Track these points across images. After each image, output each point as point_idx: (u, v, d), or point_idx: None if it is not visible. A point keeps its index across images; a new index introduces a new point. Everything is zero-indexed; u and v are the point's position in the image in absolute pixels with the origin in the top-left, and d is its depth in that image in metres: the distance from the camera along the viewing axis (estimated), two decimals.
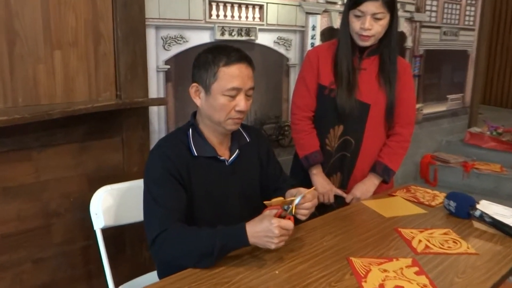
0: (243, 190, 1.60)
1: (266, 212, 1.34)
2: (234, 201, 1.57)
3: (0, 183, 1.85)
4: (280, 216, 1.33)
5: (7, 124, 1.65)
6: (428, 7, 4.11)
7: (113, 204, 1.79)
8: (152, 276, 1.80)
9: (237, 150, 1.59)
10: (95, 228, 1.75)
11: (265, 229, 1.28)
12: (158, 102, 2.12)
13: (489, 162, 4.39)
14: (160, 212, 1.38)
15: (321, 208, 2.10)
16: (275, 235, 1.27)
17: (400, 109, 2.05)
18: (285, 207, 1.36)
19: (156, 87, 2.28)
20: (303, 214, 1.43)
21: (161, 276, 1.55)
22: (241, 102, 1.44)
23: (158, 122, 2.32)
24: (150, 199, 1.42)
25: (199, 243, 1.32)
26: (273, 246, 1.30)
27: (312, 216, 2.05)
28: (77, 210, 2.07)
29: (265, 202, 1.38)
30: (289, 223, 1.30)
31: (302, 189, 1.45)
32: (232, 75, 1.42)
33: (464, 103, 4.99)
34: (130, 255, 2.30)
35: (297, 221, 1.48)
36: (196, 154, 1.49)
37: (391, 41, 1.96)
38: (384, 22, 1.88)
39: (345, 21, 1.95)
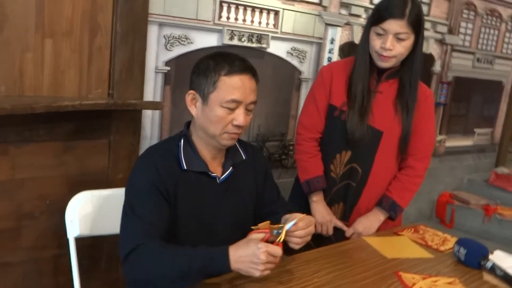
0: (235, 212, 1.62)
1: (253, 235, 1.36)
2: (224, 223, 1.59)
3: None
4: (267, 241, 1.35)
5: None
6: (462, 30, 4.16)
7: (91, 212, 1.83)
8: None
9: (231, 167, 1.62)
10: (68, 236, 1.78)
11: (250, 254, 1.30)
12: (152, 106, 2.17)
13: None
14: (137, 225, 1.41)
15: (318, 240, 2.12)
16: (261, 261, 1.28)
17: (416, 140, 2.07)
18: (275, 232, 1.38)
19: (152, 89, 2.32)
20: (295, 242, 1.45)
21: None
22: (240, 117, 1.48)
23: (151, 128, 2.37)
24: (128, 210, 1.45)
25: (175, 263, 1.33)
26: (257, 274, 1.30)
27: (307, 246, 2.08)
28: (53, 214, 2.10)
29: (252, 227, 1.40)
30: (277, 249, 1.32)
31: (296, 215, 1.47)
32: (233, 86, 1.46)
33: (493, 140, 5.01)
34: (104, 271, 2.32)
35: (289, 250, 1.51)
36: (185, 167, 1.52)
37: (413, 64, 1.99)
38: (408, 43, 1.92)
39: (366, 38, 1.98)
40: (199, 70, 1.51)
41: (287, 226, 1.40)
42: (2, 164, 1.95)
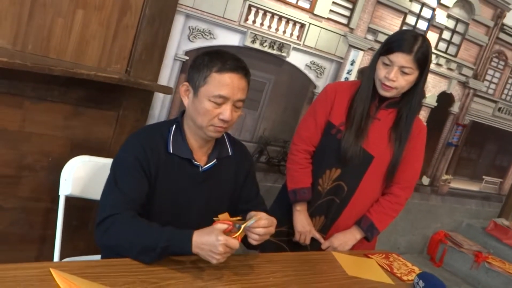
0: (210, 202, 1.72)
1: (217, 225, 1.46)
2: (197, 210, 1.69)
3: None
4: (229, 232, 1.45)
5: (6, 66, 1.82)
6: (488, 77, 4.17)
7: (85, 175, 1.95)
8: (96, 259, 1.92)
9: (215, 159, 1.71)
10: (60, 193, 1.91)
11: (211, 243, 1.40)
12: (162, 89, 2.27)
13: (506, 261, 4.38)
14: (117, 195, 1.52)
15: (295, 247, 2.21)
16: (219, 252, 1.39)
17: (403, 170, 2.15)
18: (237, 225, 1.48)
19: (168, 74, 2.43)
20: (253, 238, 1.54)
21: None
22: (226, 112, 1.57)
23: (160, 110, 2.48)
24: (112, 180, 1.57)
25: (144, 237, 1.44)
26: (214, 261, 1.42)
27: (280, 249, 2.17)
28: (52, 171, 2.22)
29: (214, 218, 1.50)
30: (235, 243, 1.42)
31: (261, 214, 1.56)
32: (222, 83, 1.55)
33: (501, 190, 4.99)
34: (91, 233, 2.43)
35: (252, 246, 1.60)
36: (171, 151, 1.63)
37: (413, 99, 2.06)
38: (411, 78, 1.99)
39: (373, 66, 2.06)
40: (194, 64, 1.61)
41: (248, 223, 1.49)
42: (15, 115, 2.08)
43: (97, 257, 1.96)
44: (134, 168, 1.56)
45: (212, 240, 1.40)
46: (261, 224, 1.52)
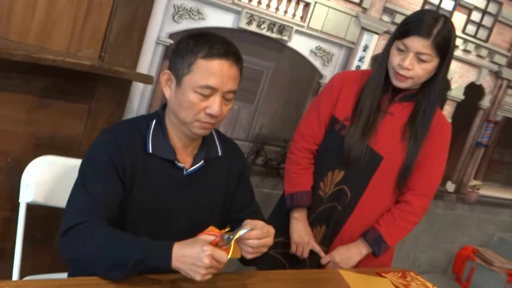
0: (196, 211, 1.72)
1: (202, 236, 1.45)
2: (182, 220, 1.69)
3: None
4: (216, 245, 1.44)
5: None
6: None
7: (51, 179, 1.94)
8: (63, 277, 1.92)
9: (202, 161, 1.71)
10: (20, 200, 1.90)
11: (194, 255, 1.38)
12: (142, 78, 2.27)
13: None
14: (85, 201, 1.51)
15: (292, 260, 2.21)
16: (204, 264, 1.36)
17: (419, 174, 2.14)
18: (225, 236, 1.46)
19: (149, 61, 2.44)
20: (246, 251, 1.52)
21: None
22: (214, 105, 1.56)
23: (140, 102, 2.48)
24: (79, 183, 1.56)
25: (115, 249, 1.42)
26: (198, 278, 1.39)
27: (279, 265, 2.17)
28: (12, 174, 2.22)
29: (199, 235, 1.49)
30: (223, 255, 1.39)
31: (256, 222, 1.54)
32: (209, 71, 1.54)
33: None
34: (57, 247, 2.42)
35: (247, 261, 1.59)
36: (150, 150, 1.62)
37: (432, 91, 2.06)
38: (429, 66, 1.98)
39: (387, 52, 2.06)
40: (177, 49, 1.60)
41: (241, 232, 1.48)
42: None
43: (64, 275, 1.97)
44: (106, 169, 1.55)
45: (197, 251, 1.38)
46: (252, 235, 1.50)
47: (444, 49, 1.96)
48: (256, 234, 1.50)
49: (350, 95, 2.13)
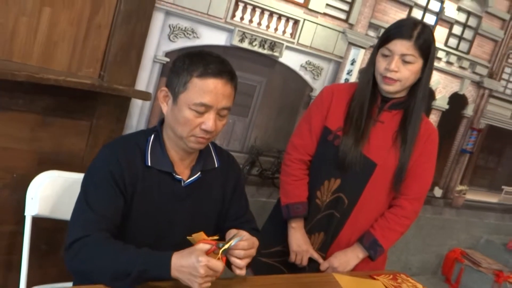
0: (195, 220, 1.72)
1: (198, 246, 1.45)
2: (181, 230, 1.68)
3: None
4: (212, 253, 1.44)
5: None
6: (505, 76, 4.20)
7: (55, 193, 1.94)
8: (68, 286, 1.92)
9: (199, 172, 1.72)
10: (26, 214, 1.90)
11: (190, 265, 1.39)
12: (140, 95, 2.28)
13: None
14: (87, 215, 1.52)
15: (292, 268, 2.21)
16: (200, 274, 1.37)
17: (411, 179, 2.15)
18: (220, 244, 1.47)
19: (147, 78, 2.44)
20: (234, 263, 1.53)
21: None
22: (209, 122, 1.57)
23: (138, 118, 2.48)
24: (82, 197, 1.56)
25: (118, 260, 1.43)
26: (195, 287, 1.40)
27: (279, 273, 2.17)
28: (17, 189, 2.21)
29: (188, 237, 1.50)
30: (218, 264, 1.40)
31: (242, 232, 1.56)
32: (204, 90, 1.55)
33: None
34: (62, 258, 2.41)
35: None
36: (149, 164, 1.63)
37: (417, 93, 2.07)
38: (414, 67, 2.00)
39: (372, 61, 2.08)
40: (174, 67, 1.61)
41: (233, 241, 1.49)
42: None
43: (69, 284, 1.97)
44: (108, 183, 1.56)
45: (192, 261, 1.39)
46: (240, 246, 1.51)
47: (426, 50, 1.98)
48: (243, 245, 1.52)
49: (341, 106, 2.13)
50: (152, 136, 1.67)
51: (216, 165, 1.78)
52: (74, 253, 1.47)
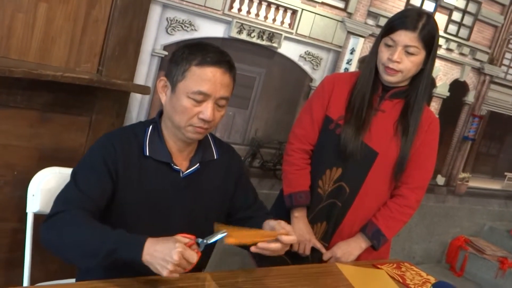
0: (194, 212, 1.72)
1: (178, 236, 1.42)
2: (179, 221, 1.69)
3: None
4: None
5: None
6: (506, 61, 4.19)
7: (56, 189, 1.91)
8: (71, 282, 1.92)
9: (198, 164, 1.72)
10: (27, 211, 1.90)
11: (165, 250, 1.35)
12: (139, 89, 2.27)
13: None
14: (72, 192, 1.54)
15: (295, 257, 2.21)
16: (173, 260, 1.32)
17: (412, 168, 2.15)
18: (199, 240, 1.46)
19: (146, 72, 2.44)
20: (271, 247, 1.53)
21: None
22: (207, 111, 1.57)
23: (138, 112, 2.48)
24: (72, 177, 1.59)
25: (90, 238, 1.42)
26: (164, 273, 1.35)
27: (282, 263, 2.18)
28: (18, 186, 2.21)
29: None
30: (193, 255, 1.36)
31: (283, 223, 1.58)
32: (202, 78, 1.56)
33: None
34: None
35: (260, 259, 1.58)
36: (147, 154, 1.64)
37: (419, 84, 2.07)
38: (417, 59, 2.00)
39: (375, 50, 2.08)
40: (173, 57, 1.62)
41: (216, 237, 1.47)
42: None
43: (72, 280, 1.97)
44: (98, 166, 1.58)
45: (168, 246, 1.35)
46: (289, 240, 1.54)
47: (430, 41, 1.99)
48: (285, 240, 1.54)
49: (342, 95, 2.14)
50: (151, 126, 1.68)
51: (215, 157, 1.78)
52: (50, 225, 1.48)
